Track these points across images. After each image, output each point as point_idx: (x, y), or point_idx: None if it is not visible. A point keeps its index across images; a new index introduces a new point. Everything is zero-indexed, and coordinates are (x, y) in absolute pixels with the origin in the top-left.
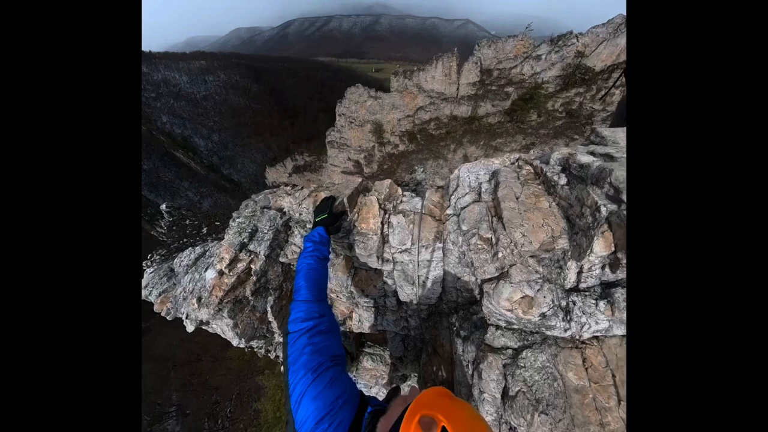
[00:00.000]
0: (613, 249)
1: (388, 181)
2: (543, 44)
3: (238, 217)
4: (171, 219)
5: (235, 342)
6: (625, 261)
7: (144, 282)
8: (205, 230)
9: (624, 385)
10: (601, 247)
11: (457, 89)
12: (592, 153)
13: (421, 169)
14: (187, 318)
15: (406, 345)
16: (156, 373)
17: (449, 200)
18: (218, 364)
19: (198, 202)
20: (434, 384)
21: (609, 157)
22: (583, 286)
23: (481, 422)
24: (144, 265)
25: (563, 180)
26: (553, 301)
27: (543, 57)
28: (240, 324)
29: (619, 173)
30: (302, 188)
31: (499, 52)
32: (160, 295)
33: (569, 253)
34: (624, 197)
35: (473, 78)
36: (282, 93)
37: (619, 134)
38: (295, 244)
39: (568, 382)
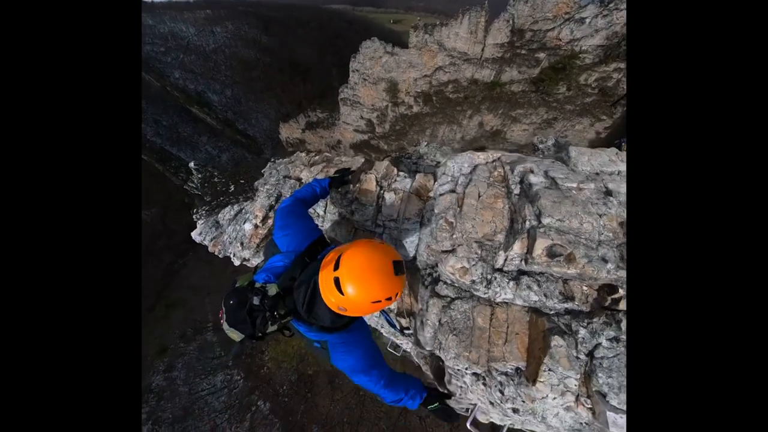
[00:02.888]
0: (525, 251)
1: (386, 162)
2: (590, 5)
3: (266, 184)
4: (200, 176)
5: None
6: (530, 260)
7: (198, 230)
8: (232, 188)
9: (512, 333)
10: (517, 248)
11: (482, 50)
12: (546, 173)
13: (425, 143)
14: (234, 256)
15: None
16: (194, 299)
17: (435, 184)
18: None
19: (217, 156)
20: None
21: (554, 182)
22: (506, 269)
23: (366, 260)
24: (194, 218)
25: (517, 190)
26: (481, 274)
27: (587, 21)
28: None
29: (544, 201)
30: (316, 155)
31: (537, 10)
32: (212, 240)
33: (502, 245)
34: (543, 220)
35: (502, 38)
36: (293, 46)
37: (583, 158)
38: None
39: (475, 323)
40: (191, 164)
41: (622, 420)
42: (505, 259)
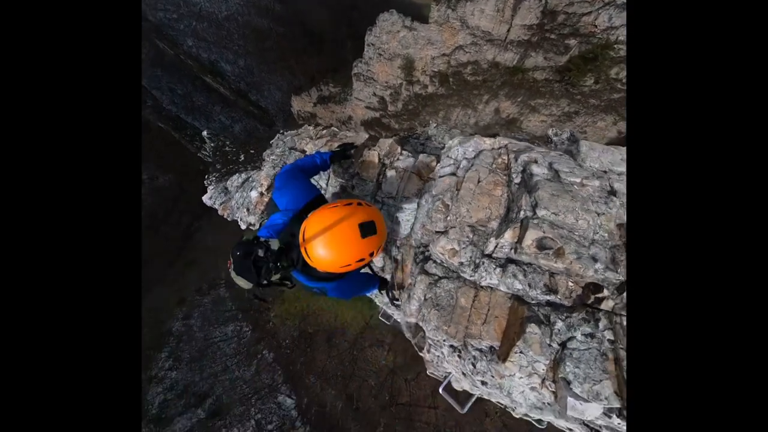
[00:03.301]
0: (516, 240)
1: (390, 140)
2: None
3: (272, 155)
4: (212, 144)
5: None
6: (519, 250)
7: (209, 194)
8: (242, 157)
9: (491, 316)
10: (508, 236)
11: (508, 31)
12: (551, 165)
13: (434, 125)
14: (240, 221)
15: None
16: (209, 259)
17: (437, 166)
18: None
19: (230, 126)
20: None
21: (556, 175)
22: (495, 255)
23: (324, 230)
24: (205, 183)
25: (518, 179)
26: (470, 258)
27: None
28: None
29: (542, 192)
30: (324, 129)
31: None
32: (221, 204)
33: (495, 232)
34: (538, 212)
35: (531, 19)
36: (307, 15)
37: (593, 153)
38: None
39: (458, 302)
40: (204, 133)
41: (581, 406)
42: (495, 246)
